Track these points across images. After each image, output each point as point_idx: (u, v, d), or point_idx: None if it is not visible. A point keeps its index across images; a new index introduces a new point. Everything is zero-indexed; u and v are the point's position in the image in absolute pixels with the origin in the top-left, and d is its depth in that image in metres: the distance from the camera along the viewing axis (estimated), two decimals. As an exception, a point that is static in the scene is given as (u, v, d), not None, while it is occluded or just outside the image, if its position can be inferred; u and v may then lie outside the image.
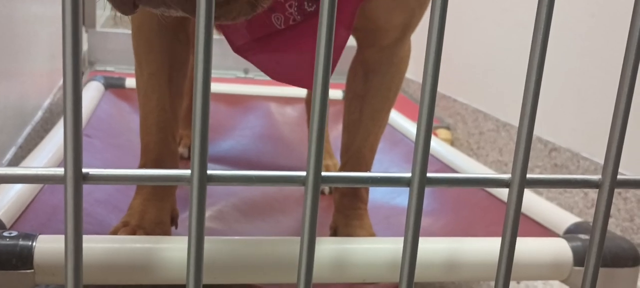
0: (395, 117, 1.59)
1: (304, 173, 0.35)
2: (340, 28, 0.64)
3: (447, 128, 1.90)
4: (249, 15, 0.51)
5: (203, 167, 0.33)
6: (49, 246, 0.64)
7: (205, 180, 0.33)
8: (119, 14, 0.54)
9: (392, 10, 0.74)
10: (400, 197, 1.13)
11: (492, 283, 0.97)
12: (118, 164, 1.15)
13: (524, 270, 0.73)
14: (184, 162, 1.27)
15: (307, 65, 0.66)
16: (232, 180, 0.35)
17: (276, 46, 0.64)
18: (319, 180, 0.35)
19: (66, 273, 0.33)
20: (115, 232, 0.74)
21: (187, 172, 0.34)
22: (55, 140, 1.08)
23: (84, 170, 0.32)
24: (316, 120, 0.34)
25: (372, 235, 0.85)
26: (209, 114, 0.32)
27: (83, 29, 1.86)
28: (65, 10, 0.30)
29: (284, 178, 0.36)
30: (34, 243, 0.63)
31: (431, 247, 0.71)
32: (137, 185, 0.81)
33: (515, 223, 0.39)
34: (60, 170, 0.33)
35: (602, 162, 0.40)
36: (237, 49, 0.66)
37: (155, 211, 0.77)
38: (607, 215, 0.41)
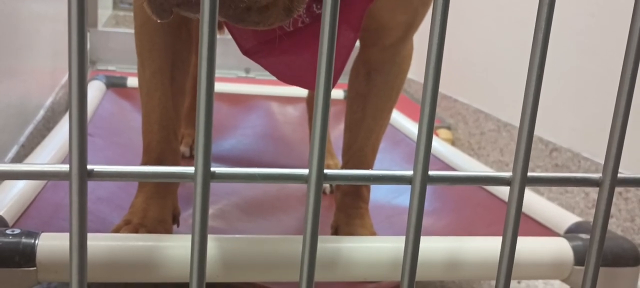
0: (397, 117, 1.60)
1: (306, 171, 0.35)
2: (348, 30, 0.64)
3: (448, 128, 1.90)
4: (285, 21, 0.53)
5: (207, 164, 0.33)
6: (51, 243, 0.64)
7: (209, 177, 0.33)
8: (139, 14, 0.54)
9: (395, 10, 0.74)
10: (402, 197, 1.13)
11: (493, 282, 0.98)
12: (120, 162, 1.15)
13: (524, 269, 0.73)
14: (185, 160, 1.27)
15: (317, 67, 0.66)
16: (235, 177, 0.35)
17: (285, 49, 0.64)
18: (321, 177, 0.35)
19: (71, 269, 0.33)
20: (117, 230, 0.75)
21: (191, 169, 0.34)
22: (58, 139, 1.08)
23: (89, 166, 0.33)
24: (319, 118, 0.34)
25: (374, 234, 0.86)
26: (213, 111, 0.33)
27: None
28: (71, 9, 0.30)
29: (287, 176, 0.36)
30: (36, 241, 0.64)
31: (432, 246, 0.71)
32: (139, 183, 0.81)
33: (516, 222, 0.39)
34: (65, 167, 0.33)
35: (603, 162, 0.40)
36: (246, 52, 0.66)
37: (157, 209, 0.78)
38: (607, 213, 0.41)
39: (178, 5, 0.49)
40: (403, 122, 1.57)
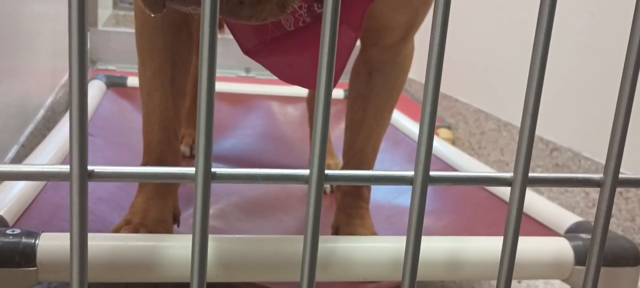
0: (397, 117, 1.60)
1: (307, 172, 0.35)
2: (349, 30, 0.64)
3: (449, 127, 1.90)
4: (279, 16, 0.52)
5: (207, 165, 0.33)
6: (51, 244, 0.64)
7: (210, 177, 0.33)
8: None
9: (396, 10, 0.74)
10: (402, 197, 1.13)
11: (494, 282, 0.98)
12: (120, 162, 1.15)
13: (525, 269, 0.73)
14: (186, 160, 1.27)
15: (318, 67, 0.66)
16: (236, 178, 0.35)
17: (286, 48, 0.64)
18: (322, 178, 0.35)
19: (71, 270, 0.33)
20: (117, 230, 0.74)
21: (192, 169, 0.34)
22: (58, 139, 1.08)
23: (90, 167, 0.33)
24: (320, 118, 0.34)
25: (374, 234, 0.86)
26: (214, 111, 0.32)
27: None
28: (71, 8, 0.30)
29: (288, 176, 0.36)
30: (36, 241, 0.64)
31: (433, 246, 0.71)
32: (139, 183, 0.81)
33: (517, 222, 0.39)
34: (65, 167, 0.33)
35: (603, 162, 0.40)
36: (247, 51, 0.66)
37: (157, 209, 0.78)
38: (608, 214, 0.41)
39: None
40: (404, 122, 1.57)
